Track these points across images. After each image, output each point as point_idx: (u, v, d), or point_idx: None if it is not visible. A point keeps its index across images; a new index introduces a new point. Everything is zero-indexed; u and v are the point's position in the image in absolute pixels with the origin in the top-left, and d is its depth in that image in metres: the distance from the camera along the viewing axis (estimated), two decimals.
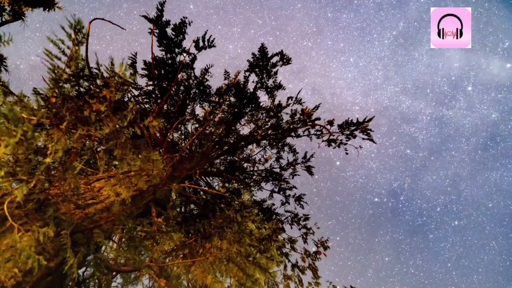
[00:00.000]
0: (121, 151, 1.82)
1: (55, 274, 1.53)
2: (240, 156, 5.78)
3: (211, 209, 4.22)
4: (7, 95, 1.48)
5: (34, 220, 1.54)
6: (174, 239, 3.01)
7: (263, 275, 3.56)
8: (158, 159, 2.34)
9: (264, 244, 3.82)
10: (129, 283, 3.83)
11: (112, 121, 1.63)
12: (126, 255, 2.68)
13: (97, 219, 1.96)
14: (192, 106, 5.08)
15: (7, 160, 1.43)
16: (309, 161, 5.47)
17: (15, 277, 1.28)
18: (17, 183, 1.46)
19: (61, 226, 1.63)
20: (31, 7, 3.36)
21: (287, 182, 5.61)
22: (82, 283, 2.83)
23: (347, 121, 4.52)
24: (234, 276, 3.38)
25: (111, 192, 2.20)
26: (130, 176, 2.42)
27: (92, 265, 2.05)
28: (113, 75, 1.66)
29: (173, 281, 3.04)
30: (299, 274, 4.53)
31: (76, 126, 1.57)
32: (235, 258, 3.42)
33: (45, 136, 1.51)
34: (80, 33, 1.63)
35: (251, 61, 4.59)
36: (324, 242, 4.73)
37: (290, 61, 4.66)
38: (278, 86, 4.93)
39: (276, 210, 5.39)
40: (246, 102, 4.96)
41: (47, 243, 1.50)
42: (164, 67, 4.32)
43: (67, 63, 1.64)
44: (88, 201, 2.02)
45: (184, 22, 4.01)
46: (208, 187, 5.43)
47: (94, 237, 1.86)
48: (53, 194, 1.78)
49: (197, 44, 4.21)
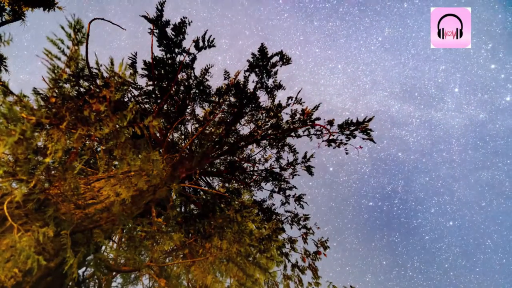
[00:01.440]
0: (121, 151, 1.82)
1: (55, 274, 1.53)
2: (240, 156, 5.78)
3: (211, 209, 4.22)
4: (6, 95, 1.48)
5: (34, 220, 1.54)
6: (174, 239, 3.01)
7: (263, 275, 3.55)
8: (158, 159, 2.34)
9: (264, 244, 3.82)
10: (129, 283, 3.83)
11: (112, 121, 1.63)
12: (126, 255, 2.68)
13: (97, 219, 1.96)
14: (192, 106, 5.08)
15: (7, 160, 1.43)
16: (309, 161, 5.47)
17: (15, 277, 1.28)
18: (17, 183, 1.46)
19: (61, 226, 1.63)
20: (31, 7, 3.36)
21: (287, 182, 5.61)
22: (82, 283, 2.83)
23: (347, 121, 4.52)
24: (234, 276, 3.38)
25: (111, 192, 2.20)
26: (130, 176, 2.42)
27: (92, 265, 2.05)
28: (113, 75, 1.66)
29: (173, 281, 3.04)
30: (299, 274, 4.53)
31: (76, 126, 1.57)
32: (235, 258, 3.42)
33: (45, 136, 1.51)
34: (79, 33, 1.63)
35: (251, 61, 4.58)
36: (324, 242, 4.73)
37: (290, 61, 4.66)
38: (278, 86, 4.93)
39: (276, 210, 5.39)
40: (246, 102, 4.96)
41: (47, 243, 1.50)
42: (164, 67, 4.32)
43: (67, 63, 1.64)
44: (88, 201, 2.02)
45: (184, 22, 4.01)
46: (208, 187, 5.43)
47: (94, 237, 1.86)
48: (53, 194, 1.78)
49: (197, 44, 4.21)
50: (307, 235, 4.99)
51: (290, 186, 5.60)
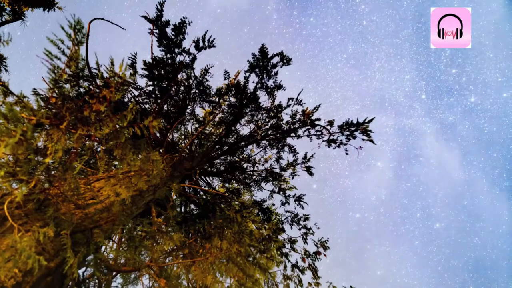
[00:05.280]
0: (121, 151, 1.82)
1: (55, 274, 1.53)
2: (240, 156, 5.78)
3: (211, 209, 4.22)
4: (7, 95, 1.48)
5: (34, 220, 1.54)
6: (174, 239, 3.01)
7: (263, 275, 3.55)
8: (158, 159, 2.34)
9: (264, 244, 3.82)
10: (129, 283, 3.83)
11: (112, 121, 1.63)
12: (126, 255, 2.68)
13: (97, 219, 1.96)
14: (192, 106, 5.08)
15: (7, 160, 1.43)
16: (309, 161, 5.47)
17: (15, 277, 1.28)
18: (17, 183, 1.46)
19: (61, 226, 1.63)
20: (31, 7, 3.37)
21: (287, 182, 5.61)
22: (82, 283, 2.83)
23: (347, 122, 4.53)
24: (234, 276, 3.38)
25: (111, 192, 2.20)
26: (130, 176, 2.42)
27: (92, 265, 2.05)
28: (113, 75, 1.66)
29: (173, 281, 3.04)
30: (299, 274, 4.53)
31: (76, 126, 1.57)
32: (235, 258, 3.42)
33: (45, 136, 1.51)
34: (80, 33, 1.64)
35: (251, 62, 4.58)
36: (324, 243, 4.73)
37: (290, 62, 4.66)
38: (278, 87, 4.93)
39: (276, 210, 5.39)
40: (246, 102, 4.96)
41: (47, 243, 1.50)
42: (164, 67, 4.32)
43: (67, 63, 1.64)
44: (88, 201, 2.02)
45: (184, 22, 4.01)
46: (208, 187, 5.43)
47: (94, 237, 1.86)
48: (53, 194, 1.78)
49: (197, 44, 4.21)
50: (307, 235, 4.99)
51: (290, 186, 5.60)
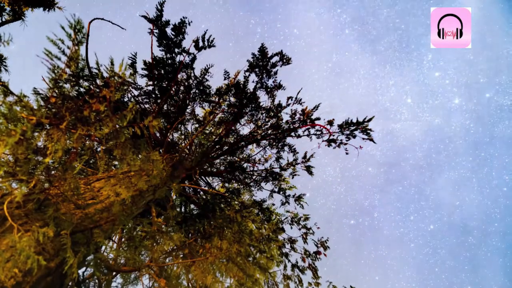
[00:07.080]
0: (121, 151, 1.82)
1: (55, 274, 1.53)
2: (240, 156, 5.78)
3: (211, 209, 4.22)
4: (7, 95, 1.48)
5: (34, 220, 1.54)
6: (174, 239, 3.01)
7: (263, 275, 3.55)
8: (158, 159, 2.34)
9: (264, 244, 3.82)
10: (129, 283, 3.83)
11: (112, 121, 1.63)
12: (126, 255, 2.68)
13: (97, 219, 1.96)
14: (192, 106, 5.08)
15: (7, 160, 1.43)
16: (309, 161, 5.47)
17: (15, 277, 1.28)
18: (17, 183, 1.46)
19: (61, 226, 1.63)
20: (31, 7, 3.36)
21: (287, 181, 5.61)
22: (82, 283, 2.83)
23: (347, 121, 4.53)
24: (234, 276, 3.38)
25: (111, 192, 2.20)
26: (130, 176, 2.42)
27: (92, 265, 2.05)
28: (113, 75, 1.66)
29: (173, 281, 3.04)
30: (299, 274, 4.53)
31: (76, 126, 1.57)
32: (235, 258, 3.42)
33: (45, 136, 1.51)
34: (80, 33, 1.63)
35: (251, 61, 4.58)
36: (324, 242, 4.73)
37: (290, 61, 4.66)
38: (278, 86, 4.93)
39: (276, 210, 5.39)
40: (246, 102, 4.96)
41: (47, 243, 1.50)
42: (164, 67, 4.32)
43: (67, 63, 1.64)
44: (88, 201, 2.02)
45: (183, 22, 4.01)
46: (208, 187, 5.43)
47: (94, 237, 1.86)
48: (53, 194, 1.78)
49: (197, 44, 4.21)
50: (307, 235, 4.99)
51: (290, 186, 5.60)
